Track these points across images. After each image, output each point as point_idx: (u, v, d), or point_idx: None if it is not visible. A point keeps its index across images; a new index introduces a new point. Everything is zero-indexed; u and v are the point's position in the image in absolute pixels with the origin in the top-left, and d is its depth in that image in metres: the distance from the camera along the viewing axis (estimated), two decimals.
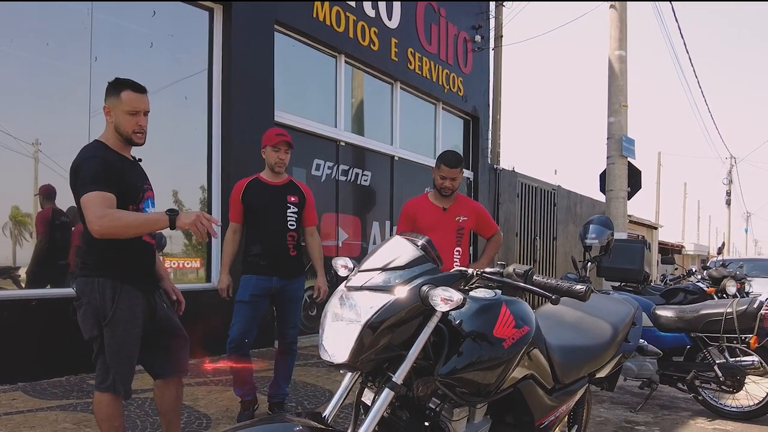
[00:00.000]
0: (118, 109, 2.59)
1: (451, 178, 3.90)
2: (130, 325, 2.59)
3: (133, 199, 2.65)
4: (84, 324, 2.60)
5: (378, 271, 1.64)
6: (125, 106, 2.58)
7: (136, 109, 2.61)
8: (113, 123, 2.62)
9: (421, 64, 9.05)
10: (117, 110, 2.59)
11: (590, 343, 2.35)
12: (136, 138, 2.65)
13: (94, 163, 2.51)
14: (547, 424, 2.11)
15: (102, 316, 2.54)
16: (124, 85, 2.62)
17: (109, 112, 2.62)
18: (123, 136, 2.63)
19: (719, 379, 4.43)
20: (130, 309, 2.58)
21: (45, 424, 3.58)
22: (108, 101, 2.62)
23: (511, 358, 1.78)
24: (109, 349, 2.56)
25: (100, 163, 2.52)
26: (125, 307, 2.56)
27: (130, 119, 2.60)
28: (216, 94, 6.08)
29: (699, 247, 29.58)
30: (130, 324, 2.58)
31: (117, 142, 2.65)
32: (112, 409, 2.61)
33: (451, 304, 1.52)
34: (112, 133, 2.64)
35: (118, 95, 2.59)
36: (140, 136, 2.66)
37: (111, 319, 2.53)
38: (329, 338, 1.59)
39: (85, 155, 2.57)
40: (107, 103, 2.62)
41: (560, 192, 13.78)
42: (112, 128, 2.63)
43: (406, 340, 1.60)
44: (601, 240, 5.17)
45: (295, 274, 3.93)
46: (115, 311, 2.53)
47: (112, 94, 2.61)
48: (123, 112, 2.59)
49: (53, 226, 5.05)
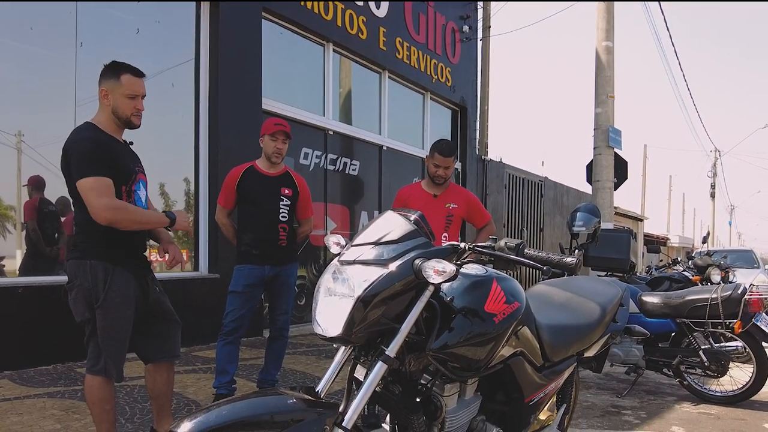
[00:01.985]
0: (117, 92, 2.60)
1: (445, 166, 3.92)
2: (123, 307, 2.58)
3: (126, 181, 2.65)
4: (75, 307, 2.59)
5: (371, 245, 1.64)
6: (125, 90, 2.60)
7: (135, 93, 2.64)
8: (110, 106, 2.62)
9: (410, 54, 9.04)
10: (116, 93, 2.60)
11: (579, 322, 2.37)
12: (135, 120, 2.68)
13: (87, 145, 2.51)
14: (537, 401, 2.13)
15: (94, 298, 2.54)
16: (124, 68, 2.63)
17: (106, 95, 2.61)
18: (121, 118, 2.64)
19: (704, 364, 4.50)
20: (122, 291, 2.58)
21: (32, 410, 3.55)
22: (105, 84, 2.62)
23: (501, 333, 1.79)
24: (101, 332, 2.56)
25: (93, 144, 2.52)
26: (118, 289, 2.56)
27: (129, 102, 2.62)
28: (203, 82, 6.03)
29: (684, 239, 29.90)
30: (122, 306, 2.58)
31: (111, 124, 2.65)
32: (104, 392, 2.61)
33: (444, 275, 1.52)
34: (108, 115, 2.64)
35: (117, 78, 2.60)
36: (138, 119, 2.69)
37: (103, 301, 2.53)
38: (322, 312, 1.60)
39: (77, 137, 2.56)
40: (104, 86, 2.62)
41: (547, 183, 13.86)
42: (108, 111, 2.63)
43: (399, 314, 1.61)
44: (588, 227, 5.21)
45: (288, 261, 3.92)
46: (107, 293, 2.53)
47: (110, 77, 2.62)
48: (122, 96, 2.60)
49: (41, 215, 5.00)
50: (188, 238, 6.08)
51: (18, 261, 4.89)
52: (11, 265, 4.84)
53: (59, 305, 4.65)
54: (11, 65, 4.79)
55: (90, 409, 2.66)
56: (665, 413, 4.27)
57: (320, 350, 5.90)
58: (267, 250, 3.80)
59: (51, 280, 4.81)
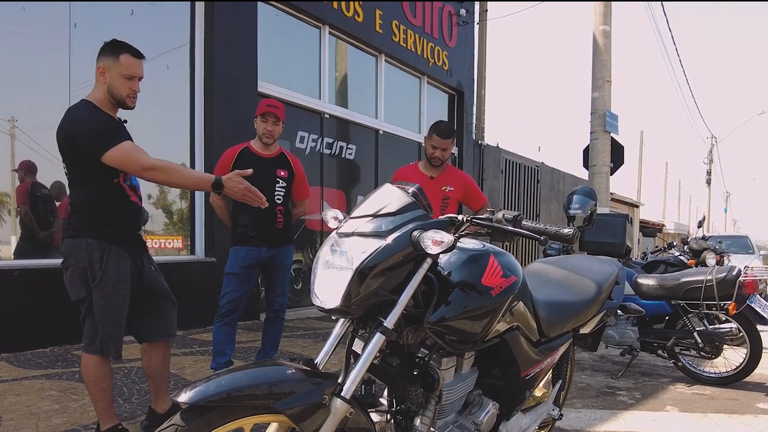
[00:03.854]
0: (114, 71, 2.58)
1: (442, 148, 3.91)
2: (119, 285, 2.59)
3: None
4: (71, 285, 2.60)
5: (369, 217, 1.64)
6: (123, 70, 2.58)
7: (132, 74, 2.62)
8: (106, 84, 2.59)
9: (406, 37, 8.99)
10: (113, 72, 2.58)
11: (575, 299, 2.38)
12: (129, 101, 2.65)
13: (95, 121, 2.51)
14: (532, 376, 2.15)
15: (90, 276, 2.54)
16: (124, 48, 2.61)
17: (103, 72, 2.59)
18: (116, 98, 2.62)
19: (698, 345, 4.53)
20: (118, 269, 2.58)
21: (30, 392, 3.56)
22: (103, 61, 2.59)
23: (498, 307, 1.80)
24: (98, 310, 2.56)
25: (98, 119, 2.52)
26: (114, 267, 2.56)
27: (125, 83, 2.60)
28: (198, 64, 6.00)
29: (679, 225, 29.95)
30: (119, 284, 2.58)
31: (107, 102, 2.62)
32: (100, 371, 2.61)
33: (443, 245, 1.52)
34: (103, 93, 2.61)
35: (116, 57, 2.58)
36: (133, 100, 2.67)
37: (100, 279, 2.53)
38: (321, 285, 1.60)
39: (79, 116, 2.54)
40: (102, 63, 2.59)
41: (544, 169, 13.87)
42: (104, 89, 2.61)
43: (397, 286, 1.61)
44: (585, 210, 5.22)
45: (284, 243, 3.92)
46: (104, 271, 2.53)
47: (109, 55, 2.59)
48: (119, 75, 2.58)
49: (34, 199, 4.98)
50: (183, 223, 6.07)
51: (13, 246, 4.88)
52: (6, 251, 4.82)
53: (56, 288, 4.66)
54: (3, 48, 4.74)
55: (87, 388, 2.66)
56: (659, 394, 4.31)
57: (317, 333, 5.92)
58: (263, 231, 3.79)
59: (47, 263, 4.80)
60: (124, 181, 2.67)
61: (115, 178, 2.61)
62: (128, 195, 2.68)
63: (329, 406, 1.51)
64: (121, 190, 2.64)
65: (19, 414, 3.15)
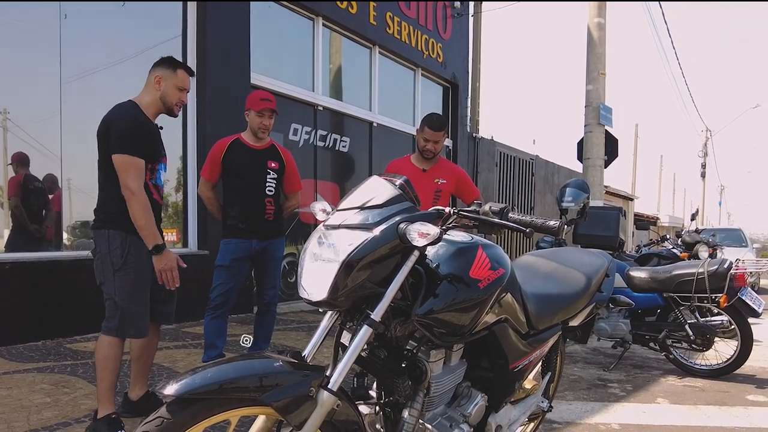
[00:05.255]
0: (170, 81, 2.89)
1: (434, 141, 3.89)
2: (141, 269, 2.81)
3: (152, 160, 2.89)
4: (97, 270, 2.83)
5: (356, 209, 1.63)
6: (178, 82, 2.92)
7: (185, 87, 2.97)
8: (160, 92, 2.89)
9: (400, 29, 8.96)
10: (169, 82, 2.89)
11: (564, 291, 2.39)
12: (176, 109, 2.97)
13: (129, 124, 2.76)
14: (521, 368, 2.15)
15: (112, 262, 2.77)
16: (180, 64, 2.97)
17: (159, 81, 2.87)
18: (167, 105, 2.92)
19: (690, 338, 4.55)
20: (139, 257, 2.80)
21: (22, 385, 3.55)
22: (161, 71, 2.89)
23: (486, 299, 1.80)
24: (122, 292, 2.77)
25: (133, 123, 2.77)
26: (135, 254, 2.79)
27: (177, 93, 2.93)
28: (191, 56, 5.97)
29: (674, 219, 30.04)
30: (140, 269, 2.81)
31: (153, 108, 2.90)
32: (111, 351, 2.79)
33: (429, 238, 1.52)
34: (154, 99, 2.89)
35: (174, 70, 2.91)
36: (178, 109, 2.99)
37: (123, 265, 2.77)
38: (308, 277, 1.59)
39: (121, 113, 2.79)
40: (159, 73, 2.88)
41: (538, 162, 13.87)
42: (156, 96, 2.89)
43: (384, 279, 1.61)
44: (578, 203, 5.23)
45: (275, 235, 3.91)
46: (126, 257, 2.77)
47: (167, 67, 2.91)
48: (174, 86, 2.90)
49: (26, 192, 4.95)
50: (177, 216, 6.06)
51: (5, 239, 4.85)
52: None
53: (48, 282, 4.67)
54: None
55: (96, 366, 2.83)
56: (651, 386, 4.34)
57: (311, 326, 5.92)
58: (253, 224, 3.78)
59: (39, 257, 4.79)
60: (150, 179, 2.89)
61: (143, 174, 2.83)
62: (151, 192, 2.88)
63: (316, 398, 1.51)
64: (147, 188, 2.83)
65: (10, 407, 3.15)
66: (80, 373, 3.85)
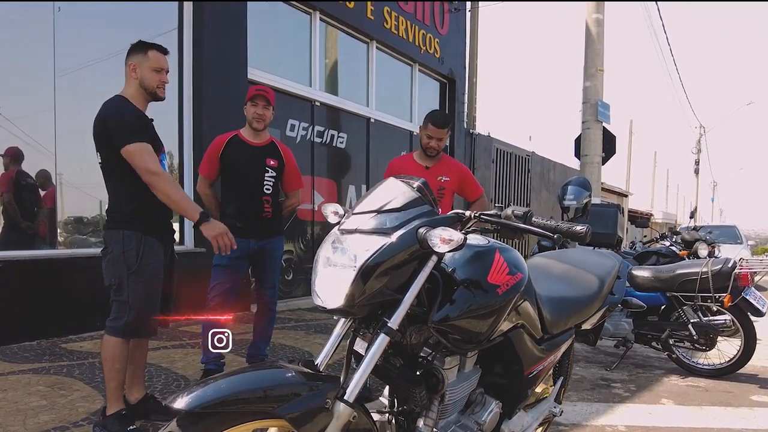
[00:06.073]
0: (144, 65, 2.81)
1: (438, 138, 3.83)
2: (155, 272, 2.79)
3: (155, 152, 2.79)
4: (107, 270, 2.77)
5: (373, 213, 1.57)
6: (152, 63, 2.82)
7: (161, 66, 2.85)
8: (138, 79, 2.81)
9: (398, 24, 8.88)
10: (143, 66, 2.81)
11: (578, 294, 2.33)
12: (160, 92, 2.88)
13: (126, 115, 2.72)
14: (536, 373, 2.10)
15: (127, 264, 2.72)
16: (150, 45, 2.86)
17: (134, 68, 2.81)
18: (148, 89, 2.83)
19: (693, 337, 4.52)
20: (154, 258, 2.79)
21: (17, 387, 3.47)
22: (133, 58, 2.82)
23: (504, 305, 1.74)
24: (136, 295, 2.75)
25: (130, 114, 2.73)
26: (150, 256, 2.77)
27: (155, 75, 2.83)
28: (187, 50, 5.86)
29: (667, 215, 30.11)
30: (154, 271, 2.79)
31: (139, 98, 2.83)
32: (117, 351, 2.75)
33: (452, 244, 1.46)
34: (136, 88, 2.82)
35: (145, 53, 2.82)
36: (162, 91, 2.89)
37: (137, 267, 2.73)
38: (322, 283, 1.53)
39: (114, 108, 2.74)
40: (132, 61, 2.82)
41: (534, 158, 13.83)
42: (136, 84, 2.82)
43: (401, 285, 1.55)
44: (579, 201, 5.19)
45: (273, 234, 3.84)
46: (141, 260, 2.73)
47: (138, 52, 2.82)
48: (149, 69, 2.81)
49: (19, 188, 4.85)
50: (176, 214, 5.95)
51: None
52: None
53: (42, 280, 4.58)
54: None
55: (103, 366, 2.80)
56: (654, 386, 4.30)
57: (309, 325, 5.86)
58: (251, 222, 3.69)
59: (32, 255, 4.70)
60: None
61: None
62: None
63: (332, 410, 1.45)
64: None
65: (6, 411, 3.07)
66: (76, 375, 3.77)
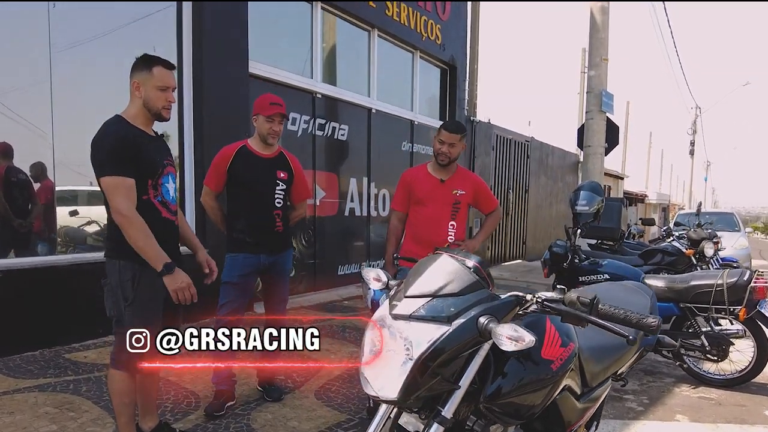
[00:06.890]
0: (149, 84, 2.60)
1: (450, 143, 3.69)
2: (152, 304, 2.63)
3: (152, 174, 2.63)
4: (107, 302, 2.66)
5: (428, 297, 1.47)
6: (157, 82, 2.60)
7: (166, 85, 2.64)
8: (142, 98, 2.61)
9: (399, 11, 8.67)
10: (148, 85, 2.60)
11: (615, 341, 2.25)
12: (165, 113, 2.67)
13: (109, 141, 2.51)
14: (576, 429, 2.03)
15: (123, 297, 2.59)
16: (156, 61, 2.64)
17: (138, 86, 2.61)
18: (152, 111, 2.64)
19: (705, 348, 4.49)
20: (151, 288, 2.60)
21: (24, 408, 3.38)
22: (137, 76, 2.62)
23: (558, 379, 1.66)
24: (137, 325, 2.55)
25: (114, 140, 2.51)
26: (146, 289, 2.60)
27: (160, 95, 2.62)
28: (186, 44, 5.66)
29: (661, 195, 30.13)
30: (151, 303, 2.63)
31: (141, 117, 2.64)
32: (124, 386, 2.67)
33: (521, 345, 1.36)
34: (139, 108, 2.63)
35: (149, 70, 2.60)
36: (168, 111, 2.69)
37: (133, 300, 2.59)
38: (374, 371, 1.43)
39: (101, 133, 2.55)
40: (136, 79, 2.62)
41: (533, 143, 13.72)
42: (139, 103, 2.63)
43: (456, 372, 1.46)
44: (592, 206, 5.12)
45: (284, 248, 3.73)
46: (136, 293, 2.58)
47: (142, 69, 2.62)
48: (154, 88, 2.60)
49: (9, 185, 4.68)
50: None
51: None
52: None
53: (41, 289, 4.46)
54: None
55: (111, 400, 2.76)
56: (666, 398, 4.28)
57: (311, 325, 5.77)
58: (262, 237, 3.56)
59: (30, 262, 4.58)
60: (155, 197, 2.64)
61: (144, 195, 2.60)
62: (160, 211, 2.66)
63: None
64: (152, 207, 2.62)
65: None
66: (84, 392, 3.68)
